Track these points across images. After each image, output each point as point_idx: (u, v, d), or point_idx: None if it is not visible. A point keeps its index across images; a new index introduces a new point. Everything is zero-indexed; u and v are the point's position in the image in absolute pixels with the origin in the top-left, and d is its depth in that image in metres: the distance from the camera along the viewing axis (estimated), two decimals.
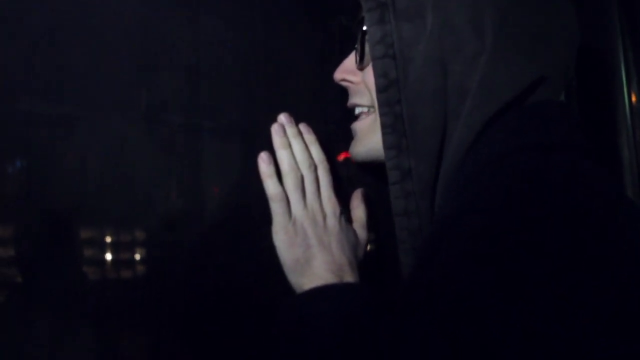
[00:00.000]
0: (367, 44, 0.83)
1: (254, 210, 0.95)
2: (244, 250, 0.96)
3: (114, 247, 0.91)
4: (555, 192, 0.61)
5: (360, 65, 0.89)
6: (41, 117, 0.87)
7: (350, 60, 0.92)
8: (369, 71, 0.85)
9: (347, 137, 1.00)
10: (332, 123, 1.07)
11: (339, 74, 0.93)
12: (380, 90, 0.80)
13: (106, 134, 0.91)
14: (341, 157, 1.04)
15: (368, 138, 0.89)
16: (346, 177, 1.05)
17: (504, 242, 0.58)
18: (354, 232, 0.93)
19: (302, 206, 0.88)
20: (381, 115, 0.80)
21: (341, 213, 0.91)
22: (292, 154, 0.91)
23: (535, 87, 0.77)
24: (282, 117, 0.92)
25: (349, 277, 0.85)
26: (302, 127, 0.95)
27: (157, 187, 0.93)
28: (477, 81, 0.75)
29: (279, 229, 0.87)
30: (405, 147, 0.79)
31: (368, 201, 1.00)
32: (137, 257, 0.93)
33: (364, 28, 0.84)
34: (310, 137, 0.94)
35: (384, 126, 0.80)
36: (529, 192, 0.61)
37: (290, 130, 0.92)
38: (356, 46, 0.90)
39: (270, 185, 0.89)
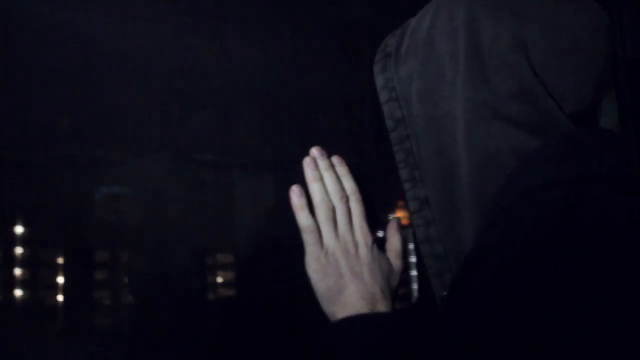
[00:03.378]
0: None
1: (286, 245, 0.95)
2: (278, 283, 0.96)
3: (148, 280, 0.92)
4: (586, 232, 0.61)
5: None
6: (75, 160, 0.89)
7: None
8: None
9: (380, 169, 1.00)
10: (364, 156, 1.07)
11: None
12: (390, 130, 0.88)
13: (138, 174, 0.92)
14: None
15: None
16: (381, 206, 1.04)
17: (534, 278, 0.58)
18: (388, 261, 0.93)
19: (334, 237, 0.89)
20: (395, 153, 0.87)
21: (374, 243, 0.91)
22: (324, 187, 0.92)
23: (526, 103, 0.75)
24: (315, 151, 0.94)
25: (382, 306, 0.85)
26: (335, 159, 0.96)
27: (190, 225, 0.94)
28: (462, 105, 0.77)
29: (312, 260, 0.88)
30: (420, 179, 0.84)
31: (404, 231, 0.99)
32: (172, 293, 0.94)
33: None
34: (342, 170, 0.95)
35: (398, 162, 0.87)
36: (559, 232, 0.62)
37: (323, 163, 0.94)
38: None
39: (302, 217, 0.90)
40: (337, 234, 0.90)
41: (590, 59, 0.77)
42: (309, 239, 0.89)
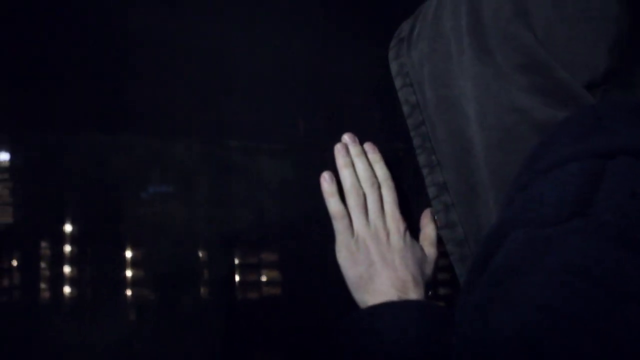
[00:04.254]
0: None
1: (315, 231, 0.95)
2: (306, 270, 0.96)
3: (177, 265, 0.94)
4: (611, 207, 0.56)
5: None
6: (102, 145, 0.90)
7: None
8: None
9: (413, 155, 0.97)
10: (398, 141, 1.05)
11: None
12: (407, 116, 0.87)
13: (166, 158, 0.93)
14: None
15: None
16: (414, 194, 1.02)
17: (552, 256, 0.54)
18: (421, 249, 0.92)
19: (364, 223, 0.89)
20: (412, 138, 0.86)
21: (406, 230, 0.91)
22: (354, 173, 0.91)
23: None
24: (346, 137, 0.94)
25: (413, 294, 0.84)
26: (367, 146, 0.96)
27: (218, 209, 0.94)
28: (472, 82, 0.76)
29: (342, 246, 0.88)
30: (437, 163, 0.83)
31: None
32: (198, 276, 0.95)
33: None
34: (374, 156, 0.95)
35: (415, 148, 0.86)
36: (581, 207, 0.57)
37: (354, 149, 0.94)
38: None
39: (332, 203, 0.90)
40: (368, 220, 0.89)
41: (598, 24, 0.73)
42: (339, 225, 0.89)
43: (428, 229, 0.95)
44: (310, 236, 0.98)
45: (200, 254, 0.94)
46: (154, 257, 0.92)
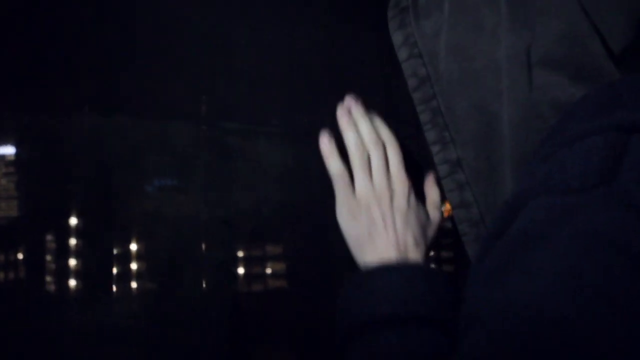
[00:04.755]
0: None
1: (312, 212, 0.94)
2: (304, 252, 0.95)
3: (175, 248, 0.93)
4: (634, 177, 0.54)
5: None
6: (100, 125, 0.89)
7: None
8: None
9: (416, 135, 0.96)
10: (400, 125, 1.04)
11: None
12: (413, 90, 0.81)
13: (164, 140, 0.92)
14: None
15: None
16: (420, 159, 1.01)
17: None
18: (425, 211, 0.90)
19: (367, 183, 0.87)
20: (419, 113, 0.81)
21: (410, 191, 0.88)
22: (358, 135, 0.89)
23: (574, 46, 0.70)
24: (349, 98, 0.91)
25: (413, 255, 0.83)
26: (371, 112, 0.92)
27: (216, 193, 0.94)
28: (504, 54, 0.73)
29: (342, 206, 0.86)
30: (450, 140, 0.79)
31: None
32: (196, 256, 0.95)
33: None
34: (378, 120, 0.92)
35: (424, 124, 0.81)
36: (604, 180, 0.55)
37: (357, 111, 0.90)
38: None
39: (331, 162, 0.88)
40: (372, 181, 0.87)
41: None
42: (339, 184, 0.87)
43: (432, 192, 0.93)
44: (310, 220, 0.97)
45: (199, 238, 0.94)
46: (152, 242, 0.91)
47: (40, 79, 0.88)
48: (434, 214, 0.91)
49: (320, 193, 0.90)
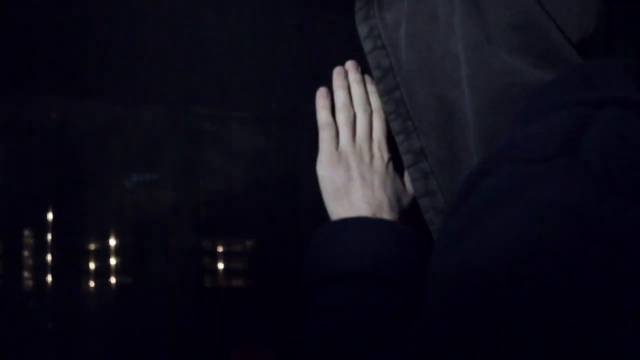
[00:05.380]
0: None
1: (283, 194, 0.93)
2: (278, 237, 0.95)
3: (144, 233, 0.92)
4: (601, 152, 0.55)
5: None
6: (69, 109, 0.87)
7: None
8: None
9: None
10: None
11: None
12: (377, 81, 0.83)
13: (134, 125, 0.90)
14: None
15: None
16: None
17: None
18: (402, 181, 0.91)
19: (350, 141, 0.88)
20: (383, 104, 0.83)
21: (390, 160, 0.89)
22: (349, 95, 0.90)
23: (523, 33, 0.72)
24: (349, 63, 0.92)
25: (387, 215, 0.84)
26: (367, 77, 0.93)
27: (185, 176, 0.92)
28: (463, 43, 0.74)
29: (324, 156, 0.87)
30: (413, 129, 0.80)
31: None
32: (169, 243, 0.94)
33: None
34: (372, 87, 0.92)
35: (387, 114, 0.82)
36: (569, 150, 0.55)
37: (353, 76, 0.92)
38: None
39: (322, 114, 0.89)
40: (354, 139, 0.88)
41: None
42: (325, 135, 0.87)
43: None
44: (281, 205, 0.97)
45: (168, 224, 0.93)
46: (121, 230, 0.90)
47: (6, 62, 0.86)
48: (410, 187, 0.90)
49: (291, 177, 0.90)
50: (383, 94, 0.82)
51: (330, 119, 0.88)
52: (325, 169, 0.86)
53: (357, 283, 0.73)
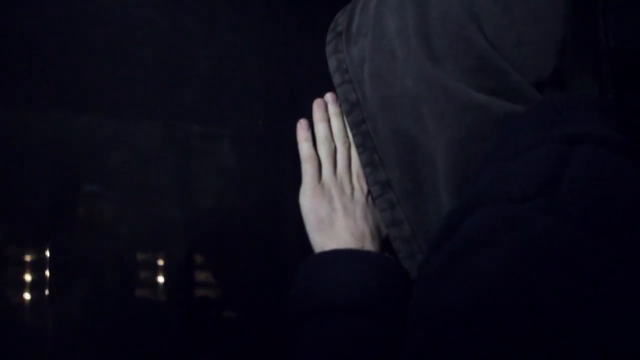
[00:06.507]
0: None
1: (275, 217, 0.95)
2: (267, 252, 0.97)
3: (137, 248, 0.94)
4: (579, 190, 0.57)
5: None
6: (61, 125, 0.90)
7: None
8: None
9: None
10: None
11: None
12: (346, 114, 0.85)
13: (128, 141, 0.93)
14: None
15: None
16: None
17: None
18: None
19: (332, 173, 0.90)
20: (352, 136, 0.84)
21: (369, 192, 0.90)
22: (329, 129, 0.92)
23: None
24: (328, 96, 0.93)
25: (370, 246, 0.85)
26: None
27: (178, 193, 0.95)
28: (421, 82, 0.75)
29: (308, 188, 0.88)
30: (379, 162, 0.82)
31: None
32: (160, 260, 0.95)
33: None
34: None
35: (357, 146, 0.84)
36: (550, 188, 0.58)
37: (333, 109, 0.93)
38: None
39: (305, 147, 0.90)
40: (335, 172, 0.90)
41: (547, 25, 0.75)
42: (308, 167, 0.89)
43: None
44: (270, 222, 0.99)
45: (158, 238, 0.95)
46: (112, 243, 0.92)
47: (5, 75, 0.88)
48: None
49: (279, 194, 0.91)
50: (352, 127, 0.84)
51: (312, 151, 0.89)
52: (309, 201, 0.87)
53: (346, 315, 0.76)
